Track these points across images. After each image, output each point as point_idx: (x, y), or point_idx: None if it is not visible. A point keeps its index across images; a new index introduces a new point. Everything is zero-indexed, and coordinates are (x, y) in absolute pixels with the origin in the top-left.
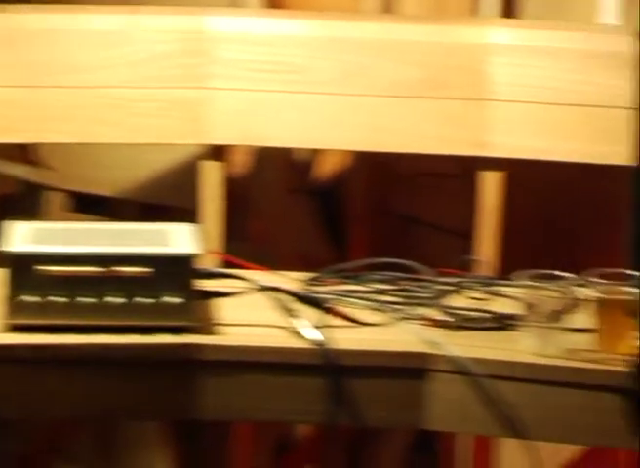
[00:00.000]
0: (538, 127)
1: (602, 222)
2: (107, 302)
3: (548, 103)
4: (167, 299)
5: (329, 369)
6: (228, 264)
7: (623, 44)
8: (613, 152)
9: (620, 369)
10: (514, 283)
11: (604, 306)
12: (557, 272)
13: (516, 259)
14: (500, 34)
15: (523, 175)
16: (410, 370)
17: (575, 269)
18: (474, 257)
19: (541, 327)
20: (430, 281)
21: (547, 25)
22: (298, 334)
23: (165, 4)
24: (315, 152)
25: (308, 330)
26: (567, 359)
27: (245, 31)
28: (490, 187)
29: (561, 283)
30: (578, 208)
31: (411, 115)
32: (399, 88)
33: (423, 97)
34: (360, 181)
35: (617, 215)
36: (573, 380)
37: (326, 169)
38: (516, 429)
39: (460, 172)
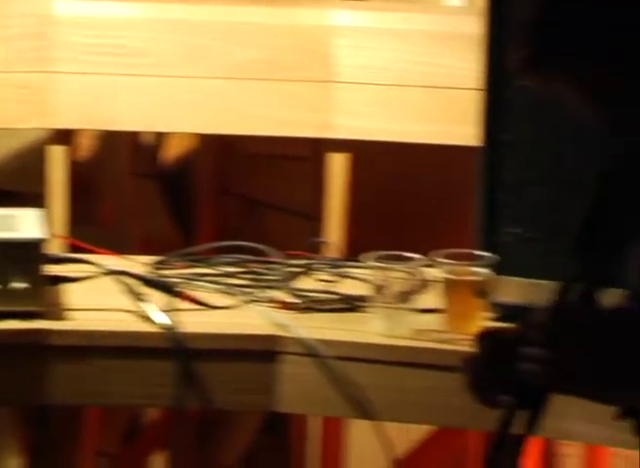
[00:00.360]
0: (383, 108)
1: (451, 203)
2: None
3: (394, 85)
4: (14, 285)
5: (178, 352)
6: (76, 249)
7: (469, 25)
8: (460, 133)
9: (468, 349)
10: (362, 264)
11: (451, 286)
12: (405, 253)
13: (364, 241)
14: (344, 16)
15: (370, 157)
16: (259, 352)
17: (423, 250)
18: (322, 239)
19: (390, 308)
20: (279, 263)
21: (392, 7)
22: (146, 318)
23: None
24: (161, 135)
25: (157, 313)
26: (415, 339)
27: (88, 15)
28: (336, 169)
29: (409, 264)
30: (425, 189)
31: (255, 97)
32: (242, 70)
33: (267, 80)
34: (207, 164)
35: (465, 196)
36: (421, 361)
37: (172, 152)
38: (365, 410)
39: (308, 154)
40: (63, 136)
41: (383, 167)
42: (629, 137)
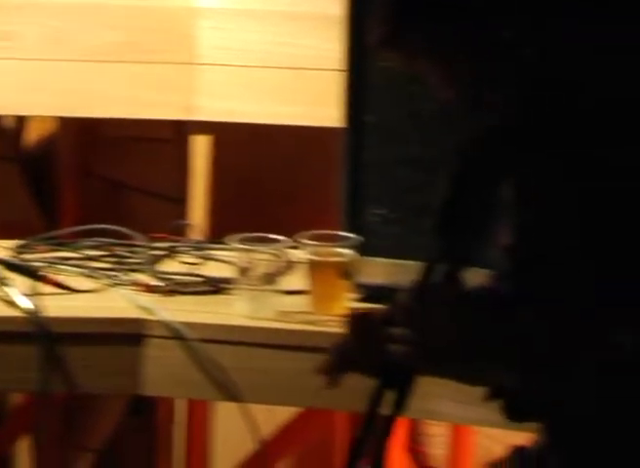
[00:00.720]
0: (246, 90)
1: (315, 185)
2: None
3: (256, 66)
4: None
5: (42, 336)
6: None
7: (331, 6)
8: (323, 114)
9: (333, 330)
10: (227, 247)
11: (316, 268)
12: (270, 235)
13: (229, 223)
14: None
15: (234, 139)
16: (123, 335)
17: (288, 232)
18: (186, 222)
19: (254, 290)
20: (142, 246)
21: None
22: (10, 303)
23: None
24: (22, 119)
25: (20, 298)
26: (280, 321)
27: None
28: (200, 151)
29: (273, 246)
30: (290, 171)
31: (116, 80)
32: (104, 52)
33: (129, 62)
34: (69, 147)
35: (329, 178)
36: (286, 343)
37: (34, 135)
38: (231, 392)
39: (171, 136)
40: None
41: (248, 149)
42: (488, 118)
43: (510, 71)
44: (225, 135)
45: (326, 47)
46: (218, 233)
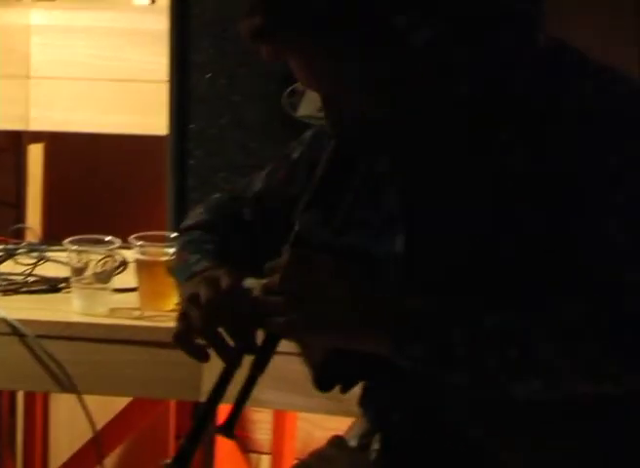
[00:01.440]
0: (76, 102)
1: (146, 189)
2: None
3: (85, 79)
4: None
5: None
6: None
7: (154, 22)
8: (150, 123)
9: (162, 324)
10: (63, 248)
11: (145, 267)
12: (103, 236)
13: (65, 226)
14: (39, 15)
15: (70, 147)
16: None
17: (120, 233)
18: (25, 226)
19: (88, 288)
20: None
21: (82, 6)
22: None
23: None
24: None
25: None
26: (112, 317)
27: None
28: (35, 159)
29: (106, 246)
30: (122, 176)
31: None
32: None
33: None
34: None
35: (159, 182)
36: (118, 337)
37: None
38: (67, 385)
39: (9, 145)
40: None
41: (81, 156)
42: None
43: (401, 57)
44: (59, 143)
45: (151, 60)
46: (54, 236)
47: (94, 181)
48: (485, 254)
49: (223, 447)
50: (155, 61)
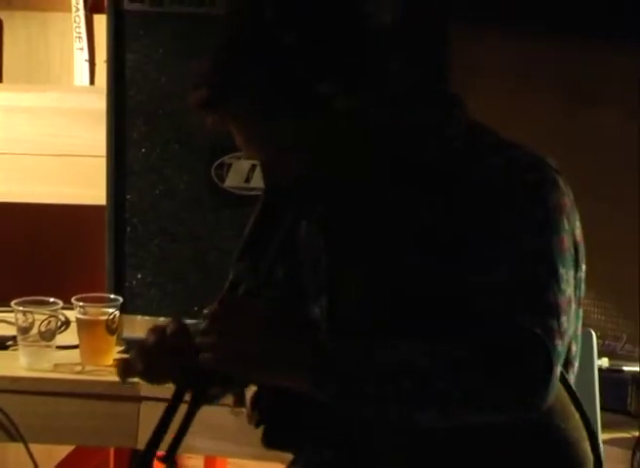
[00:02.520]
0: (20, 174)
1: (88, 254)
2: None
3: (29, 154)
4: None
5: None
6: None
7: (94, 101)
8: (88, 194)
9: (102, 378)
10: (10, 309)
11: (85, 325)
12: (47, 298)
13: (14, 289)
14: None
15: (17, 215)
16: None
17: (64, 295)
18: None
19: (33, 346)
20: None
21: (27, 88)
22: None
23: None
24: None
25: None
26: (56, 372)
27: None
28: None
29: (51, 307)
30: (67, 243)
31: None
32: None
33: None
34: None
35: (100, 248)
36: (62, 390)
37: None
38: (14, 434)
39: None
40: None
41: (28, 225)
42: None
43: (322, 122)
44: (7, 212)
45: (90, 137)
46: (2, 297)
47: (39, 247)
48: (400, 305)
49: None
50: (95, 138)
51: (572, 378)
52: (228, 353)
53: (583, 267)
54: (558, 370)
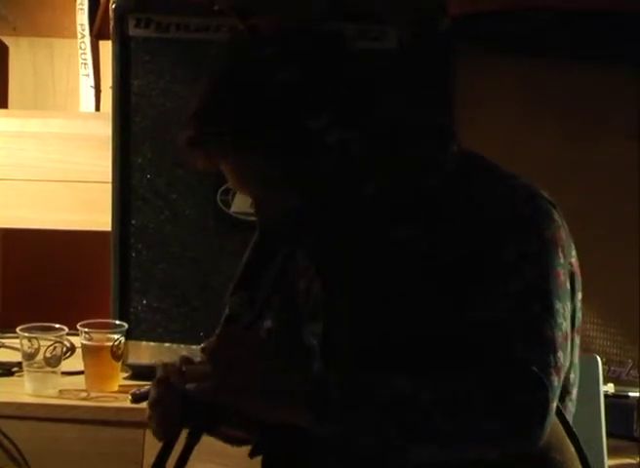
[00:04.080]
0: (29, 200)
1: (92, 280)
2: None
3: (37, 180)
4: None
5: None
6: None
7: (99, 128)
8: (94, 220)
9: (107, 404)
10: (16, 335)
11: (90, 351)
12: (53, 324)
13: (19, 315)
14: None
15: (23, 241)
16: None
17: (69, 321)
18: None
19: (39, 372)
20: None
21: (33, 114)
22: None
23: None
24: None
25: None
26: (61, 398)
27: None
28: None
29: (56, 333)
30: (72, 268)
31: None
32: None
33: None
34: None
35: (103, 273)
36: (67, 416)
37: None
38: (19, 460)
39: None
40: None
41: (34, 251)
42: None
43: (311, 158)
44: (13, 238)
45: (96, 162)
46: (8, 324)
47: (44, 273)
48: (393, 337)
49: None
50: (100, 164)
51: (570, 406)
52: (225, 384)
53: (579, 295)
54: (554, 405)
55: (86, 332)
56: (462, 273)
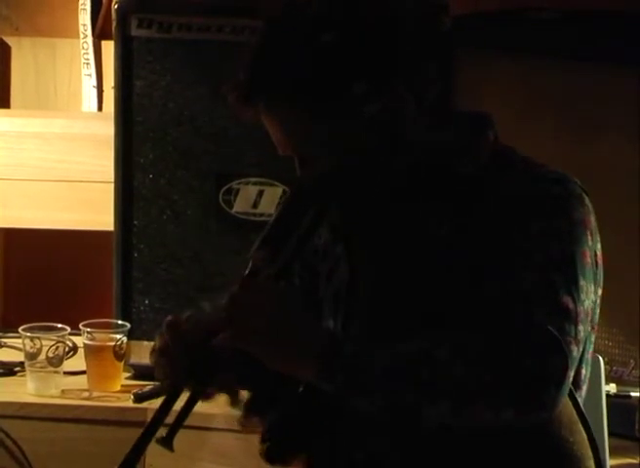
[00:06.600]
0: (31, 200)
1: (95, 279)
2: None
3: (39, 180)
4: None
5: None
6: None
7: (101, 128)
8: (96, 220)
9: (109, 404)
10: (18, 335)
11: (92, 351)
12: (55, 324)
13: (21, 314)
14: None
15: (24, 241)
16: None
17: (71, 321)
18: None
19: (41, 372)
20: None
21: (35, 114)
22: None
23: None
24: None
25: None
26: (63, 398)
27: None
28: None
29: (58, 333)
30: (73, 268)
31: None
32: None
33: None
34: None
35: (105, 273)
36: (69, 416)
37: None
38: (21, 460)
39: None
40: None
41: (37, 250)
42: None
43: (354, 125)
44: (16, 238)
45: (98, 162)
46: (11, 323)
47: (47, 273)
48: (416, 299)
49: None
50: (102, 164)
51: (580, 402)
52: (244, 329)
53: (599, 291)
54: (571, 374)
55: (88, 332)
56: (486, 251)
